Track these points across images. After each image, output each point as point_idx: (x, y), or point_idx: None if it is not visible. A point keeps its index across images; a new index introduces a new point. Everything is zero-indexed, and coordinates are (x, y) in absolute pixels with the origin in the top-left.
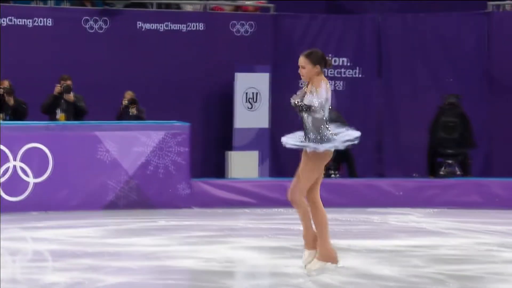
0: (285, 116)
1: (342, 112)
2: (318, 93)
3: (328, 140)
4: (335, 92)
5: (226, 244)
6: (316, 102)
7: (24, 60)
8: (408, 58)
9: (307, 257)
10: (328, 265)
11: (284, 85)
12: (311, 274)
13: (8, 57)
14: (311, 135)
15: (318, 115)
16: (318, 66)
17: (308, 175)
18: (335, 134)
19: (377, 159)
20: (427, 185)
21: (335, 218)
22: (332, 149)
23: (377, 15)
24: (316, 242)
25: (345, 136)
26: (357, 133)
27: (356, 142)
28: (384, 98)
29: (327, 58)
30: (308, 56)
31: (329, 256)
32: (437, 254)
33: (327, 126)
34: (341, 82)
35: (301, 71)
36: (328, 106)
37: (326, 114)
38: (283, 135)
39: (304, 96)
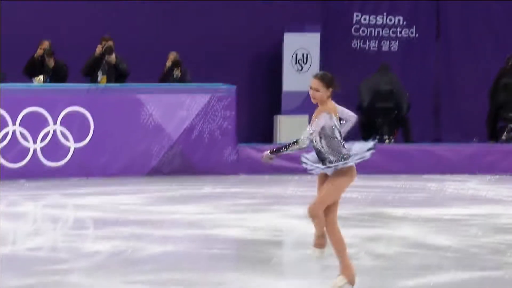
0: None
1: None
2: (313, 123)
3: (347, 158)
4: (388, 54)
5: (273, 212)
6: (309, 132)
7: (64, 20)
8: (468, 17)
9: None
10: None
11: (334, 45)
12: None
13: (48, 17)
14: (332, 158)
15: (332, 140)
16: (331, 90)
17: (333, 190)
18: (349, 151)
19: (434, 124)
20: (487, 150)
21: (390, 185)
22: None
23: None
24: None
25: (355, 151)
26: (368, 145)
27: (367, 156)
28: (442, 59)
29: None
30: (322, 79)
31: (352, 278)
32: (498, 223)
33: (343, 145)
34: (395, 42)
35: (314, 94)
36: (334, 129)
37: (337, 134)
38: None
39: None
